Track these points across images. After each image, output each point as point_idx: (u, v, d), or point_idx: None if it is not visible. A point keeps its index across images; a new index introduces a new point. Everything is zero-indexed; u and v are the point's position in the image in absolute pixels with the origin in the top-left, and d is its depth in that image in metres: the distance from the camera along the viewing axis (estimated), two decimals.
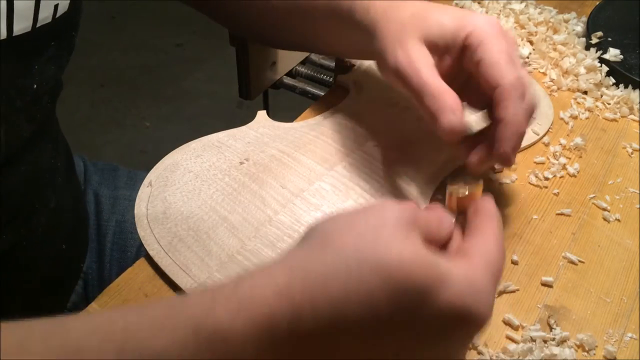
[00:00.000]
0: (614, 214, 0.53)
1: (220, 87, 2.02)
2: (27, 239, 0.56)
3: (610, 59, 0.66)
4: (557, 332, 0.43)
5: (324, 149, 0.54)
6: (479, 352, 0.42)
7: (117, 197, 0.71)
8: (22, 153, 0.53)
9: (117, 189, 0.72)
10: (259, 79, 0.76)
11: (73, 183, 0.67)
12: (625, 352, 0.43)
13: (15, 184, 0.53)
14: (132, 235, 0.68)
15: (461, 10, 0.50)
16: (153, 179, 0.51)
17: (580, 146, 0.58)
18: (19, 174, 0.53)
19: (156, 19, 2.24)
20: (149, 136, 1.87)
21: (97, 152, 1.78)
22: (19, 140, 0.51)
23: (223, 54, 2.05)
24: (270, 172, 0.51)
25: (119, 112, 1.90)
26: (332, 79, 0.71)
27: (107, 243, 0.68)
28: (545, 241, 0.50)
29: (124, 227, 0.69)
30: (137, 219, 0.48)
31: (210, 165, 0.52)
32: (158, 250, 0.46)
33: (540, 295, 0.46)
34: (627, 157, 0.59)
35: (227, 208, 0.48)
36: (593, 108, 0.64)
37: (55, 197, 0.60)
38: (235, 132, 0.56)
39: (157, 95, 2.01)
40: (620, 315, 0.45)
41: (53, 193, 0.59)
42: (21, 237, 0.55)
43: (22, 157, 0.53)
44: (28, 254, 0.57)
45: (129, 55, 2.16)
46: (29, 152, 0.54)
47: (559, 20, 0.74)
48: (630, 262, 0.49)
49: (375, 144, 0.54)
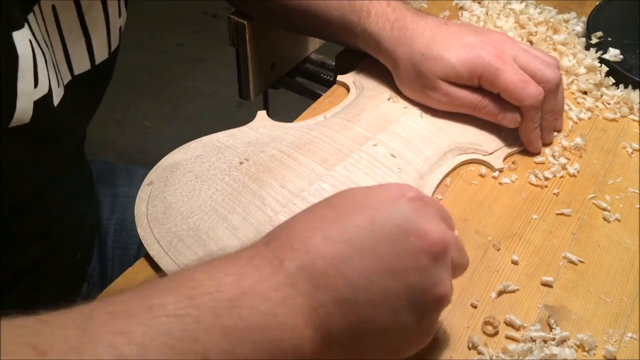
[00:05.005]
0: (614, 214, 0.53)
1: (220, 87, 2.01)
2: (54, 252, 0.57)
3: (610, 59, 0.66)
4: (557, 332, 0.43)
5: (324, 149, 0.53)
6: (479, 352, 0.42)
7: (116, 195, 0.71)
8: (62, 170, 0.55)
9: (115, 186, 0.72)
10: (259, 79, 0.76)
11: (93, 192, 0.68)
12: (625, 352, 0.43)
13: (56, 198, 0.55)
14: (133, 233, 0.68)
15: (465, 40, 0.55)
16: (153, 179, 0.51)
17: (580, 146, 0.58)
18: (60, 189, 0.55)
19: (156, 19, 2.24)
20: (149, 136, 1.87)
21: (96, 151, 1.77)
22: (61, 160, 0.55)
23: (223, 54, 2.05)
24: (270, 172, 0.51)
25: (118, 112, 1.90)
26: (333, 78, 0.71)
27: (108, 242, 0.68)
28: (545, 241, 0.50)
29: (124, 225, 0.69)
30: (137, 219, 0.48)
31: (210, 165, 0.52)
32: (158, 250, 0.46)
33: (540, 295, 0.46)
34: (627, 157, 0.59)
35: (227, 208, 0.48)
36: (593, 108, 0.64)
37: (80, 209, 0.61)
38: (235, 132, 0.56)
39: (157, 95, 2.00)
40: (620, 315, 0.45)
41: (79, 205, 0.61)
42: (49, 251, 0.56)
43: (61, 173, 0.55)
44: (52, 265, 0.58)
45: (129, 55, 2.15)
46: (67, 168, 0.57)
47: (559, 20, 0.73)
48: (630, 262, 0.49)
49: (376, 144, 0.54)
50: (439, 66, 0.55)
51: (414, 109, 0.59)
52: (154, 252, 0.46)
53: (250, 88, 0.76)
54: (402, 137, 0.56)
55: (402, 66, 0.57)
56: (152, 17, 2.24)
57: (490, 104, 0.56)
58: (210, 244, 0.46)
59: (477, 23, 0.73)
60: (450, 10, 0.77)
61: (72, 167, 0.60)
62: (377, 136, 0.55)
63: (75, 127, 0.55)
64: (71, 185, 0.60)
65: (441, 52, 0.55)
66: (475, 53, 0.54)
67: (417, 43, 0.56)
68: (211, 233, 0.46)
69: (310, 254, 0.32)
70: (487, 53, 0.54)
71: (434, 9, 0.77)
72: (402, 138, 0.56)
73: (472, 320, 0.44)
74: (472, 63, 0.54)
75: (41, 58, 0.44)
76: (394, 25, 0.57)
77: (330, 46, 0.72)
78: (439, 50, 0.55)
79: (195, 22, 2.29)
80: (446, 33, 0.56)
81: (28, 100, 0.43)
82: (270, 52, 0.76)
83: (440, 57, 0.55)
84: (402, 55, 0.57)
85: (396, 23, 0.57)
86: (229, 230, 0.47)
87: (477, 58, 0.54)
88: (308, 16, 0.62)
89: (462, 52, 0.54)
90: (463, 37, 0.55)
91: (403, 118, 0.58)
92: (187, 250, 0.45)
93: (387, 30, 0.57)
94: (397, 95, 0.60)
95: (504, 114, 0.56)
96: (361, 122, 0.57)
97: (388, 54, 0.58)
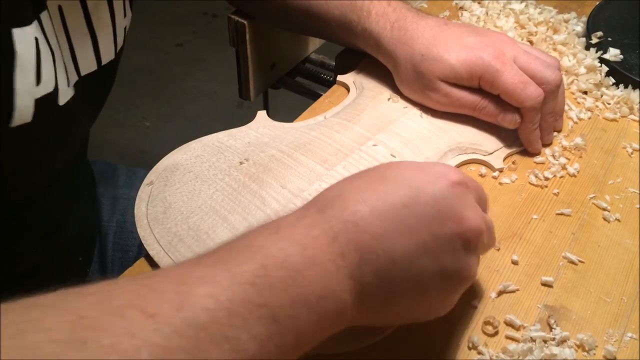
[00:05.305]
0: (614, 214, 0.53)
1: (220, 87, 2.01)
2: (55, 254, 0.57)
3: (610, 59, 0.66)
4: (557, 332, 0.43)
5: (324, 149, 0.53)
6: (479, 352, 0.42)
7: (116, 197, 0.71)
8: (64, 171, 0.55)
9: (116, 188, 0.72)
10: (259, 79, 0.76)
11: (94, 194, 0.68)
12: (625, 352, 0.43)
13: (58, 200, 0.55)
14: (133, 235, 0.68)
15: (465, 41, 0.55)
16: (153, 179, 0.51)
17: (580, 146, 0.58)
18: (62, 190, 0.55)
19: (156, 19, 2.24)
20: (149, 136, 1.87)
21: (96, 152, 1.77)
22: (64, 161, 0.54)
23: (223, 54, 2.05)
24: (270, 172, 0.51)
25: (118, 112, 1.90)
26: (333, 78, 0.71)
27: (108, 243, 0.68)
28: (545, 241, 0.50)
29: (124, 227, 0.69)
30: (137, 219, 0.48)
31: (210, 165, 0.52)
32: (158, 250, 0.46)
33: (540, 295, 0.46)
34: (627, 157, 0.59)
35: (227, 208, 0.48)
36: (593, 108, 0.64)
37: (81, 211, 0.61)
38: (235, 132, 0.56)
39: (157, 95, 2.00)
40: (620, 315, 0.45)
41: (81, 206, 0.61)
42: (49, 253, 0.56)
43: (63, 174, 0.55)
44: (52, 267, 0.58)
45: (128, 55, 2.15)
46: (69, 170, 0.56)
47: (559, 20, 0.74)
48: (630, 262, 0.49)
49: (376, 144, 0.54)
50: (439, 67, 0.55)
51: (414, 109, 0.59)
52: (154, 252, 0.46)
53: (250, 88, 0.76)
54: (402, 137, 0.56)
55: (402, 66, 0.57)
56: (152, 17, 2.24)
57: (490, 105, 0.56)
58: (210, 244, 0.46)
59: (477, 23, 0.73)
60: (450, 10, 0.77)
61: (74, 169, 0.60)
62: (377, 136, 0.55)
63: (80, 128, 0.55)
64: (73, 186, 0.60)
65: (441, 53, 0.55)
66: (475, 54, 0.54)
67: (417, 44, 0.56)
68: (211, 233, 0.46)
69: (359, 227, 0.34)
70: (487, 54, 0.54)
71: (434, 9, 0.77)
72: (402, 138, 0.56)
73: (472, 320, 0.44)
74: (472, 64, 0.54)
75: (48, 56, 0.44)
76: (394, 25, 0.57)
77: (330, 46, 0.72)
78: (439, 51, 0.55)
79: (195, 22, 2.29)
80: (446, 34, 0.56)
81: (29, 98, 0.43)
82: (270, 52, 0.76)
83: (440, 58, 0.55)
84: (402, 55, 0.57)
85: (396, 23, 0.57)
86: (229, 230, 0.47)
87: (477, 59, 0.54)
88: (309, 15, 0.62)
89: (462, 53, 0.54)
90: (463, 38, 0.55)
91: (403, 118, 0.58)
92: (187, 251, 0.45)
93: (387, 30, 0.57)
94: (397, 95, 0.60)
95: (503, 115, 0.56)
96: (361, 122, 0.57)
97: (388, 54, 0.58)
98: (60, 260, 0.59)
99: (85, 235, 0.65)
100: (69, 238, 0.60)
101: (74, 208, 0.60)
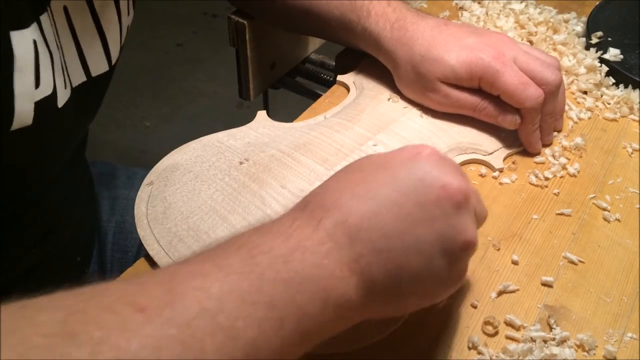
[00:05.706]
0: (614, 214, 0.53)
1: (220, 87, 2.01)
2: (53, 254, 0.57)
3: (610, 59, 0.66)
4: (557, 332, 0.43)
5: (324, 149, 0.53)
6: (479, 352, 0.42)
7: (116, 197, 0.71)
8: (63, 172, 0.56)
9: (115, 188, 0.72)
10: (259, 79, 0.76)
11: (93, 195, 0.68)
12: (625, 352, 0.43)
13: (56, 201, 0.55)
14: (132, 235, 0.68)
15: (465, 41, 0.55)
16: (153, 179, 0.51)
17: (580, 146, 0.58)
18: (59, 191, 0.55)
19: (156, 19, 2.24)
20: (149, 136, 1.87)
21: (96, 152, 1.77)
22: (63, 162, 0.55)
23: (223, 54, 2.05)
24: (270, 172, 0.51)
25: (118, 112, 1.90)
26: (333, 78, 0.71)
27: (107, 244, 0.68)
28: (545, 241, 0.50)
29: (123, 228, 0.69)
30: (137, 219, 0.48)
31: (210, 165, 0.52)
32: (158, 250, 0.46)
33: (540, 295, 0.46)
34: (627, 157, 0.59)
35: (227, 208, 0.48)
36: (593, 108, 0.64)
37: (79, 211, 0.61)
38: (235, 132, 0.56)
39: (157, 95, 2.00)
40: (620, 315, 0.45)
41: (79, 207, 0.61)
42: (47, 253, 0.56)
43: (62, 175, 0.55)
44: (50, 268, 0.58)
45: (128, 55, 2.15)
46: (68, 170, 0.56)
47: (559, 20, 0.73)
48: (630, 262, 0.49)
49: (376, 144, 0.54)
50: (439, 68, 0.55)
51: (414, 109, 0.59)
52: (153, 252, 0.46)
53: (250, 88, 0.76)
54: (402, 137, 0.56)
55: (402, 67, 0.57)
56: (152, 17, 2.24)
57: (490, 106, 0.56)
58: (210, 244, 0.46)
59: (477, 23, 0.73)
60: (450, 10, 0.77)
61: (72, 169, 0.60)
62: (377, 136, 0.55)
63: (79, 129, 0.55)
64: (71, 187, 0.60)
65: (441, 53, 0.55)
66: (475, 55, 0.54)
67: (417, 44, 0.56)
68: (211, 233, 0.46)
69: (342, 211, 0.34)
70: (487, 55, 0.54)
71: (434, 9, 0.77)
72: (402, 138, 0.56)
73: (472, 320, 0.44)
74: (471, 65, 0.54)
75: (46, 59, 0.44)
76: (394, 26, 0.57)
77: (330, 46, 0.72)
78: (439, 52, 0.55)
79: (195, 22, 2.29)
80: (446, 34, 0.56)
81: (28, 101, 0.42)
82: (270, 52, 0.76)
83: (440, 58, 0.55)
84: (402, 56, 0.57)
85: (396, 23, 0.57)
86: (229, 230, 0.47)
87: (477, 60, 0.54)
88: (309, 15, 0.62)
89: (462, 53, 0.54)
90: (463, 39, 0.55)
91: (403, 118, 0.58)
92: (187, 251, 0.45)
93: (387, 31, 0.57)
94: (397, 95, 0.60)
95: (503, 115, 0.56)
96: (361, 122, 0.57)
97: (388, 55, 0.58)
98: (58, 261, 0.59)
99: (83, 236, 0.65)
100: (67, 239, 0.60)
101: (72, 209, 0.60)
